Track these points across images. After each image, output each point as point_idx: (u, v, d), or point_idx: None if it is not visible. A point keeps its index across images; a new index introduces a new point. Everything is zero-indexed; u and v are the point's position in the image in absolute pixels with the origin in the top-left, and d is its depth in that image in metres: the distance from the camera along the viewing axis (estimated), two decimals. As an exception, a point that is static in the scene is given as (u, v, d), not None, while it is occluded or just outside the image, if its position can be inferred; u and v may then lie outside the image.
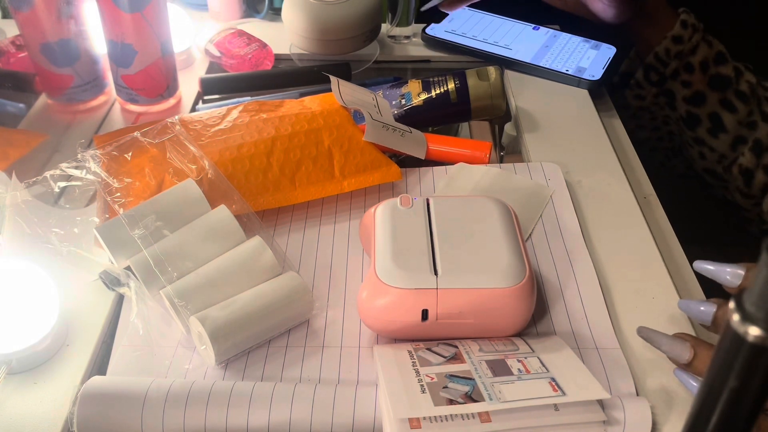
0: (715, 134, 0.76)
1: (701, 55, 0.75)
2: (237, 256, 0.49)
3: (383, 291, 0.45)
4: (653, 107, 0.81)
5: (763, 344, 0.20)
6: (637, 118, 0.83)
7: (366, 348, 0.48)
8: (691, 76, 0.75)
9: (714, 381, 0.22)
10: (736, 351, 0.21)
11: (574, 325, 0.49)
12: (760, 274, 0.20)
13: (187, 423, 0.41)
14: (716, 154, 0.77)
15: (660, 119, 0.82)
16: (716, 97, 0.75)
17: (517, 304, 0.45)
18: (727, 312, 0.38)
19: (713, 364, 0.22)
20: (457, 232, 0.48)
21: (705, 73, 0.75)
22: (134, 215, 0.50)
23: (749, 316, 0.20)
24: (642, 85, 0.79)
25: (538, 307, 0.50)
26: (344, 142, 0.60)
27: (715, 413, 0.23)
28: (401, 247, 0.47)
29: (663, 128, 0.83)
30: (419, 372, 0.42)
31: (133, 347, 0.48)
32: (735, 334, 0.21)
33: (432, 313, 0.44)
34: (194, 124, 0.60)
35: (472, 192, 0.60)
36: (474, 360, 0.43)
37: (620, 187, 0.62)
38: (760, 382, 0.21)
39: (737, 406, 0.22)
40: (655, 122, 0.83)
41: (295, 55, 0.84)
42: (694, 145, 0.78)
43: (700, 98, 0.76)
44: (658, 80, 0.77)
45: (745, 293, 0.20)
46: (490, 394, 0.39)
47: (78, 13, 0.67)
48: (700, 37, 0.75)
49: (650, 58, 0.77)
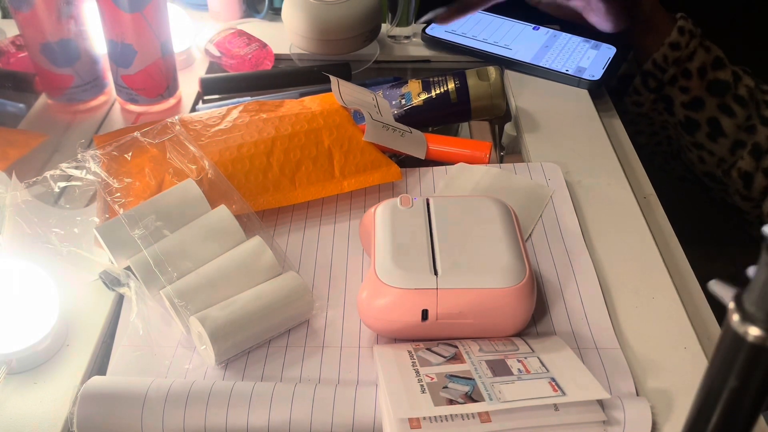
0: (714, 138, 0.76)
1: (699, 60, 0.75)
2: (237, 256, 0.49)
3: (383, 291, 0.45)
4: (651, 113, 0.81)
5: (763, 344, 0.20)
6: (636, 124, 0.83)
7: (366, 348, 0.48)
8: (689, 81, 0.75)
9: (714, 381, 0.22)
10: (736, 351, 0.21)
11: (574, 325, 0.49)
12: (760, 274, 0.20)
13: (187, 423, 0.41)
14: (715, 158, 0.77)
15: (658, 124, 0.82)
16: (715, 102, 0.75)
17: (517, 304, 0.45)
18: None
19: (713, 364, 0.22)
20: (457, 232, 0.48)
21: (703, 78, 0.75)
22: (134, 215, 0.50)
23: (749, 316, 0.20)
24: (640, 91, 0.79)
25: (538, 307, 0.50)
26: (344, 142, 0.60)
27: (715, 413, 0.23)
28: (401, 247, 0.47)
29: (661, 133, 0.83)
30: (419, 372, 0.42)
31: (133, 347, 0.48)
32: (735, 334, 0.21)
33: (432, 313, 0.44)
34: (194, 124, 0.60)
35: (472, 192, 0.60)
36: (474, 360, 0.43)
37: (620, 187, 0.62)
38: (760, 382, 0.21)
39: (737, 406, 0.22)
40: (653, 127, 0.83)
41: (295, 55, 0.84)
42: (693, 149, 0.78)
43: (699, 103, 0.76)
44: (656, 87, 0.77)
45: (745, 293, 0.20)
46: (490, 394, 0.39)
47: (78, 13, 0.67)
48: (697, 42, 0.75)
49: (648, 65, 0.76)
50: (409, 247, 0.47)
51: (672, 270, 0.54)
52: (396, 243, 0.47)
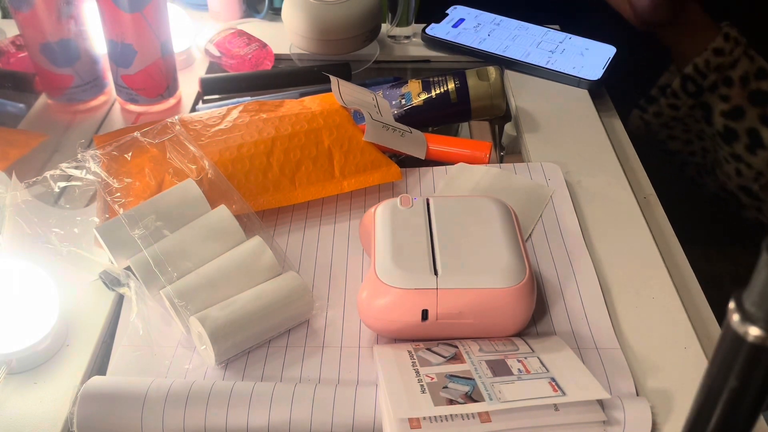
0: (753, 150, 0.74)
1: (742, 69, 0.74)
2: (237, 256, 0.49)
3: (383, 291, 0.45)
4: (688, 119, 0.80)
5: (763, 344, 0.20)
6: (670, 128, 0.82)
7: (366, 348, 0.48)
8: (730, 90, 0.74)
9: (714, 381, 0.22)
10: (736, 351, 0.21)
11: (574, 325, 0.49)
12: (760, 275, 0.20)
13: (187, 423, 0.41)
14: (753, 171, 0.75)
15: (694, 132, 0.81)
16: (756, 113, 0.74)
17: (517, 304, 0.45)
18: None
19: (713, 364, 0.22)
20: (457, 232, 0.48)
21: (745, 87, 0.74)
22: (134, 215, 0.50)
23: (749, 316, 0.20)
24: (678, 95, 0.78)
25: (538, 307, 0.50)
26: (344, 142, 0.60)
27: (715, 413, 0.23)
28: (401, 247, 0.47)
29: (696, 143, 0.81)
30: (419, 372, 0.42)
31: (133, 347, 0.48)
32: (735, 334, 0.21)
33: (432, 313, 0.44)
34: (194, 124, 0.60)
35: (472, 192, 0.60)
36: (474, 360, 0.43)
37: (620, 187, 0.62)
38: (760, 382, 0.21)
39: (737, 406, 0.22)
40: (689, 135, 0.82)
41: (295, 55, 0.84)
42: (731, 161, 0.76)
43: (739, 113, 0.74)
44: (696, 92, 0.76)
45: (745, 293, 0.20)
46: (490, 394, 0.39)
47: (78, 13, 0.67)
48: (741, 51, 0.74)
49: (689, 69, 0.75)
50: (409, 247, 0.47)
51: (672, 270, 0.54)
52: (396, 243, 0.47)
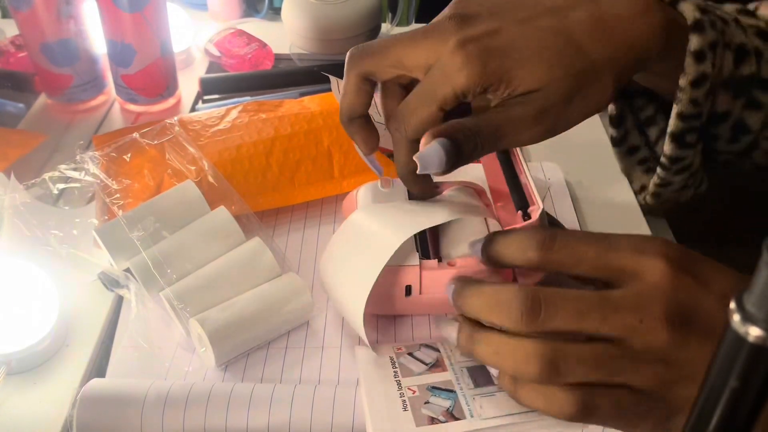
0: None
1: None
2: (236, 258, 0.49)
3: None
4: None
5: (763, 344, 0.20)
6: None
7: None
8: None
9: (714, 381, 0.22)
10: (736, 351, 0.21)
11: (574, 325, 0.49)
12: (760, 274, 0.20)
13: (187, 425, 0.41)
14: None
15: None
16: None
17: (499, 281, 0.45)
18: (462, 333, 0.38)
19: (713, 364, 0.22)
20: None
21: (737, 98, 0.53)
22: (133, 217, 0.50)
23: (749, 316, 0.20)
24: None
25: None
26: (344, 142, 0.60)
27: (715, 413, 0.23)
28: None
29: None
30: (401, 384, 0.42)
31: (133, 348, 0.48)
32: (735, 334, 0.20)
33: (415, 288, 0.46)
34: (193, 125, 0.60)
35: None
36: (456, 368, 0.43)
37: (620, 187, 0.62)
38: (761, 382, 0.21)
39: (738, 407, 0.22)
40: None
41: (295, 55, 0.84)
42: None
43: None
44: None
45: (746, 293, 0.20)
46: (471, 411, 0.40)
47: (78, 13, 0.67)
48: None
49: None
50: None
51: (672, 270, 0.54)
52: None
